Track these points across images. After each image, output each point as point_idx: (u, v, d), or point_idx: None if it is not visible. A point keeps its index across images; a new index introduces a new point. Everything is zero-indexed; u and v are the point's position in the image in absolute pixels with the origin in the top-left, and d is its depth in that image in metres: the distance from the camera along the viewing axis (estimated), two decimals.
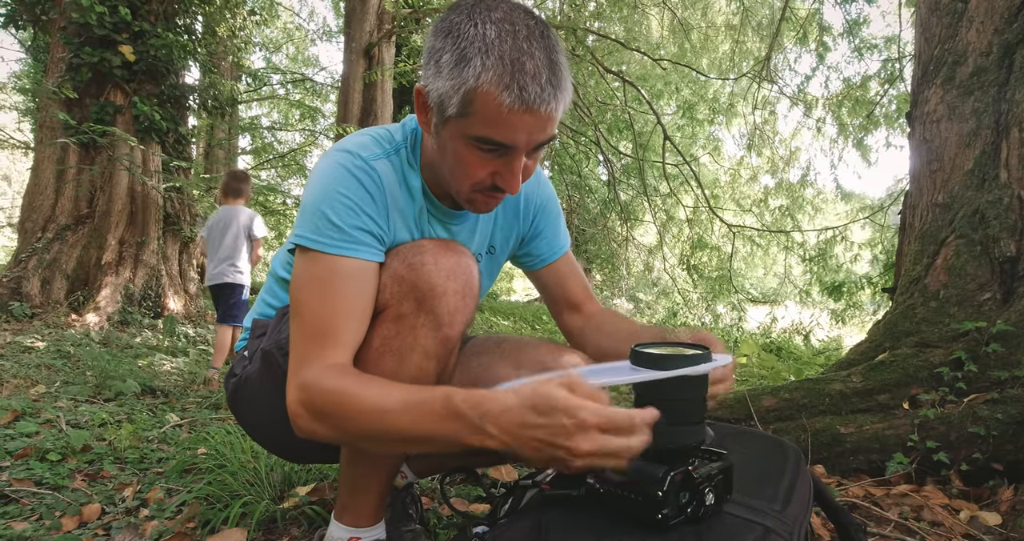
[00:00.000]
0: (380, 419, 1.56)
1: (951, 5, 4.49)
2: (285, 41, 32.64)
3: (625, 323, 2.35)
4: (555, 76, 1.63)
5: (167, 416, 4.99)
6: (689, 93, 21.98)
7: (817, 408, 3.66)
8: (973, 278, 3.77)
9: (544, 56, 1.62)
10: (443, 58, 1.65)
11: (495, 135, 1.65)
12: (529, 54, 1.60)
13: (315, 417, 1.66)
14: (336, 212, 1.79)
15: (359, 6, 16.47)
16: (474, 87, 1.60)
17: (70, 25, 10.73)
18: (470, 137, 1.68)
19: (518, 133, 1.65)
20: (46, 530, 2.73)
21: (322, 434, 1.68)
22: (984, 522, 2.74)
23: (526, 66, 1.59)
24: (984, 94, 4.14)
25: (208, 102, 13.84)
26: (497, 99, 1.58)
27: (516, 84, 1.58)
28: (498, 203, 1.93)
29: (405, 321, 1.80)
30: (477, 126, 1.65)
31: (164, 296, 11.75)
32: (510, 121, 1.62)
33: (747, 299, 18.12)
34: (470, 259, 1.91)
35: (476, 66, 1.59)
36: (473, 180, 1.78)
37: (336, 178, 1.83)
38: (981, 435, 3.08)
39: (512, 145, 1.67)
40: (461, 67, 1.61)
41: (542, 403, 1.34)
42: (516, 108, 1.59)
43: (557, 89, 1.63)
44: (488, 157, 1.73)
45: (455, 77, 1.62)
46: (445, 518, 2.84)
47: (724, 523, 1.42)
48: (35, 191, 11.02)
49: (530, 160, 1.78)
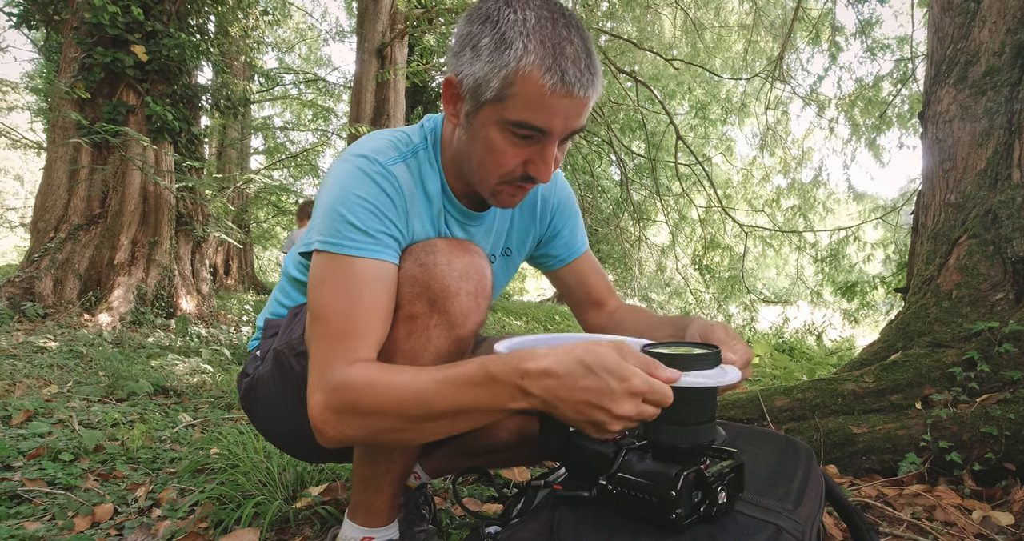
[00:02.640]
0: (416, 402, 1.54)
1: (964, 5, 4.48)
2: (298, 41, 32.69)
3: (648, 317, 2.35)
4: (592, 63, 1.66)
5: (180, 416, 4.99)
6: (702, 93, 21.92)
7: (830, 408, 3.66)
8: (986, 278, 3.76)
9: (581, 43, 1.65)
10: (482, 42, 1.67)
11: (534, 119, 1.67)
12: (569, 40, 1.63)
13: (347, 415, 1.63)
14: (356, 215, 1.78)
15: (372, 6, 16.49)
16: (515, 70, 1.62)
17: (83, 25, 10.74)
18: (507, 122, 1.70)
19: (556, 117, 1.66)
20: (59, 530, 2.73)
21: (353, 435, 1.66)
22: (996, 522, 2.74)
23: (567, 50, 1.62)
24: (997, 94, 4.13)
25: (221, 102, 13.88)
26: (540, 81, 1.61)
27: (558, 67, 1.60)
28: (523, 196, 1.93)
29: (418, 322, 1.80)
30: (516, 109, 1.67)
31: (176, 296, 11.77)
32: (550, 105, 1.64)
33: (759, 299, 18.08)
34: (483, 259, 1.91)
35: (518, 48, 1.61)
36: (503, 170, 1.79)
37: (354, 182, 1.83)
38: (993, 435, 3.07)
39: (549, 130, 1.69)
40: (502, 50, 1.63)
41: (595, 362, 1.34)
42: (558, 90, 1.61)
43: (594, 75, 1.67)
44: (522, 144, 1.74)
45: (495, 60, 1.64)
46: (458, 518, 2.84)
47: (737, 522, 1.42)
48: (47, 191, 11.04)
49: (559, 151, 1.79)
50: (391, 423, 1.61)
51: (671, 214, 19.98)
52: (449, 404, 1.50)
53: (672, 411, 1.35)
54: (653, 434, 1.44)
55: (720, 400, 4.05)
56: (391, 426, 1.62)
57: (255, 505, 2.80)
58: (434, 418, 1.55)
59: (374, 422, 1.62)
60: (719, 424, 1.64)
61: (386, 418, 1.60)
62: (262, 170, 24.44)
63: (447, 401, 1.50)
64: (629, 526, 1.43)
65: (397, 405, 1.56)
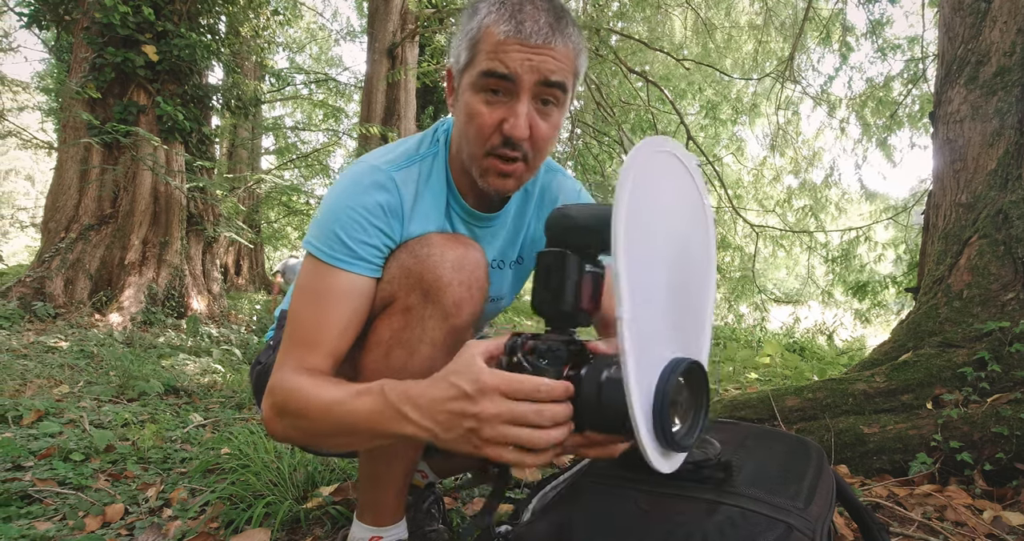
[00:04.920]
0: (326, 414, 1.60)
1: (974, 5, 4.47)
2: (308, 41, 32.81)
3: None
4: (555, 18, 1.72)
5: (190, 416, 5.00)
6: (712, 93, 21.91)
7: (840, 408, 3.66)
8: (996, 278, 3.75)
9: (545, 3, 1.72)
10: (460, 23, 1.82)
11: (496, 67, 1.70)
12: (531, 2, 1.71)
13: (282, 416, 1.73)
14: (343, 226, 1.84)
15: (382, 6, 16.54)
16: (478, 28, 1.73)
17: (93, 25, 10.77)
18: (476, 78, 1.75)
19: (516, 63, 1.69)
20: (69, 530, 2.74)
21: (291, 436, 1.78)
22: (1007, 522, 2.73)
23: (525, 7, 1.69)
24: (1007, 94, 4.12)
25: (231, 102, 13.90)
26: (495, 32, 1.69)
27: (514, 19, 1.68)
28: (514, 175, 1.89)
29: (413, 313, 1.83)
30: (481, 63, 1.73)
31: (187, 296, 11.78)
32: (508, 51, 1.69)
33: (770, 299, 18.06)
34: (477, 251, 1.93)
35: (482, 13, 1.73)
36: (483, 134, 1.80)
37: (349, 192, 1.89)
38: (1004, 435, 3.07)
39: (512, 75, 1.71)
40: (470, 18, 1.77)
41: (450, 370, 1.36)
42: (512, 37, 1.68)
43: (556, 30, 1.71)
44: (495, 101, 1.77)
45: (465, 30, 1.78)
46: (468, 518, 2.84)
47: (747, 520, 1.42)
48: (58, 191, 11.06)
49: (542, 118, 1.80)
50: (313, 428, 1.68)
51: None
52: (347, 420, 1.56)
53: None
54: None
55: (731, 400, 4.05)
56: (314, 431, 1.70)
57: (266, 505, 2.81)
58: (338, 433, 1.62)
59: (300, 424, 1.70)
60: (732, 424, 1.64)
61: (308, 423, 1.68)
62: (273, 170, 24.51)
63: (346, 418, 1.56)
64: (639, 525, 1.43)
65: (311, 413, 1.65)
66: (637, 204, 1.25)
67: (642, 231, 1.27)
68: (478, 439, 1.32)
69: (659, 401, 1.23)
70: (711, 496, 1.50)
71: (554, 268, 1.42)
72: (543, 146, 1.84)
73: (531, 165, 1.88)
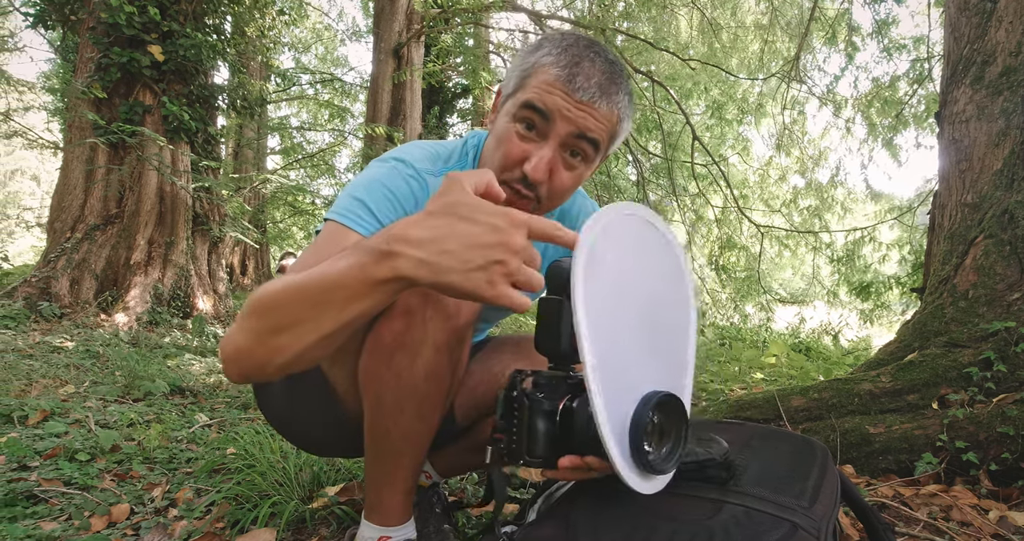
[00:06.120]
0: (295, 290, 1.44)
1: (980, 5, 4.47)
2: (314, 41, 32.75)
3: None
4: (609, 84, 1.78)
5: (196, 416, 5.01)
6: (718, 93, 21.89)
7: (846, 408, 3.66)
8: (1002, 278, 3.75)
9: (604, 66, 1.79)
10: (520, 54, 1.88)
11: (535, 99, 1.76)
12: (590, 60, 1.78)
13: (242, 319, 1.53)
14: (372, 197, 1.87)
15: (388, 6, 16.55)
16: (534, 63, 1.80)
17: (99, 25, 10.76)
18: (517, 106, 1.80)
19: (557, 106, 1.74)
20: (75, 530, 2.74)
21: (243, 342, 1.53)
22: (1013, 522, 2.73)
23: (583, 63, 1.75)
24: (1013, 94, 4.12)
25: (237, 102, 13.89)
26: (549, 71, 1.76)
27: (568, 69, 1.74)
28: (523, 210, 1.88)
29: (415, 315, 1.83)
30: (525, 94, 1.78)
31: (193, 296, 11.78)
32: (553, 93, 1.74)
33: (775, 299, 18.03)
34: None
35: (543, 51, 1.81)
36: (505, 161, 1.84)
37: (387, 175, 1.94)
38: (1010, 435, 3.06)
39: (548, 113, 1.75)
40: (530, 53, 1.84)
41: (454, 202, 1.32)
42: (562, 84, 1.74)
43: (605, 93, 1.77)
44: (527, 135, 1.82)
45: (523, 61, 1.85)
46: (474, 518, 2.84)
47: (752, 519, 1.42)
48: (64, 191, 11.06)
49: (566, 168, 1.85)
50: (277, 316, 1.48)
51: (687, 214, 19.95)
52: (317, 286, 1.40)
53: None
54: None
55: (737, 400, 4.06)
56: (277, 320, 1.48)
57: (272, 505, 2.81)
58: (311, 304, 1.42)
59: (262, 317, 1.50)
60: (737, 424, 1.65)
61: (271, 312, 1.49)
62: (279, 170, 24.45)
63: (316, 277, 1.41)
64: (646, 524, 1.43)
65: (278, 295, 1.47)
66: (595, 259, 1.43)
67: (603, 282, 1.46)
68: (501, 273, 1.29)
69: (634, 430, 1.41)
70: (716, 495, 1.52)
71: (552, 314, 1.53)
72: (559, 194, 1.90)
73: (543, 207, 1.93)
